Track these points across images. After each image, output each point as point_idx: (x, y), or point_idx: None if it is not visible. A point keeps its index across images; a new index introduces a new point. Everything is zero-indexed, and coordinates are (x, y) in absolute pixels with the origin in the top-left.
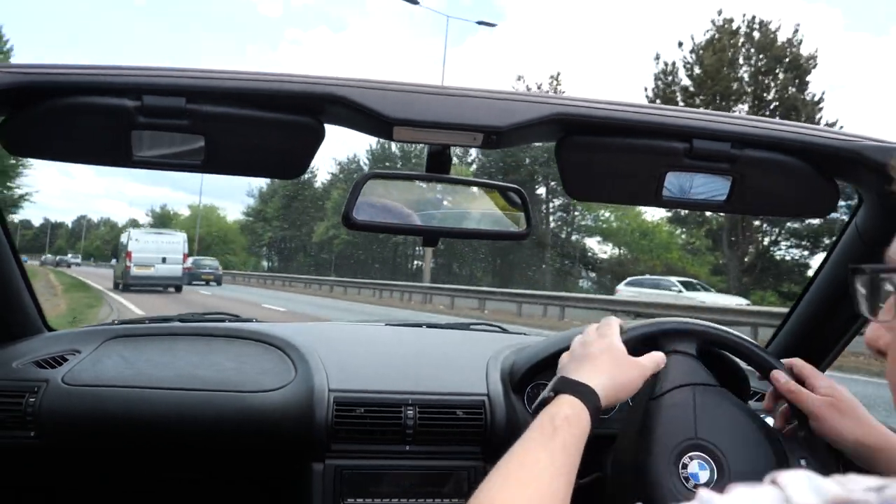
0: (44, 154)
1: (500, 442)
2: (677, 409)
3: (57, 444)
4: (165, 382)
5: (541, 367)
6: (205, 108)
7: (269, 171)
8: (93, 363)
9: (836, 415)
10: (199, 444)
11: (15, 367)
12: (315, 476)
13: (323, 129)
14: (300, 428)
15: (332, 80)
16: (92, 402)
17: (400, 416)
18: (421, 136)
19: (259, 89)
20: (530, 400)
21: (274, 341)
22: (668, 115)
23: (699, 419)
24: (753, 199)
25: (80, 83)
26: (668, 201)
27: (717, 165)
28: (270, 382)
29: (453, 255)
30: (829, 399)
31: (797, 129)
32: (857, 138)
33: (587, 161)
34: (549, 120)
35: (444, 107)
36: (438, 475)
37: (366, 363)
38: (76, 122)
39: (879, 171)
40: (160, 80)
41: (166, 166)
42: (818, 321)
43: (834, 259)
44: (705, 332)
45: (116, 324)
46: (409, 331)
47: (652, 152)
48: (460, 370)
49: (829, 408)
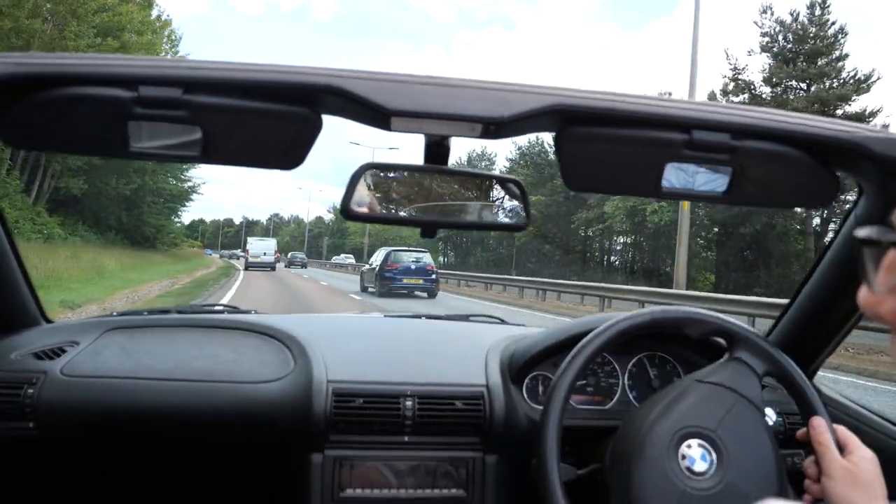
0: (40, 145)
1: (499, 433)
2: (708, 402)
3: (56, 435)
4: (164, 373)
5: (540, 358)
6: (201, 99)
7: (266, 162)
8: (91, 354)
9: (848, 483)
10: (197, 435)
11: (13, 358)
12: (314, 467)
13: (320, 120)
14: (299, 419)
15: (329, 70)
16: (91, 394)
17: (399, 408)
18: (419, 126)
19: (256, 80)
20: (529, 391)
21: (273, 333)
22: (668, 106)
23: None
24: (753, 190)
25: (74, 73)
26: (668, 193)
27: (716, 156)
28: (269, 373)
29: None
30: (851, 466)
31: (797, 120)
32: (858, 129)
33: (586, 152)
34: (549, 111)
35: (443, 97)
36: (437, 466)
37: (365, 354)
38: (71, 113)
39: (880, 163)
40: (156, 70)
41: (164, 157)
42: (818, 311)
43: (833, 250)
44: (775, 360)
45: (115, 315)
46: (408, 322)
47: (651, 143)
48: (459, 361)
49: (846, 472)
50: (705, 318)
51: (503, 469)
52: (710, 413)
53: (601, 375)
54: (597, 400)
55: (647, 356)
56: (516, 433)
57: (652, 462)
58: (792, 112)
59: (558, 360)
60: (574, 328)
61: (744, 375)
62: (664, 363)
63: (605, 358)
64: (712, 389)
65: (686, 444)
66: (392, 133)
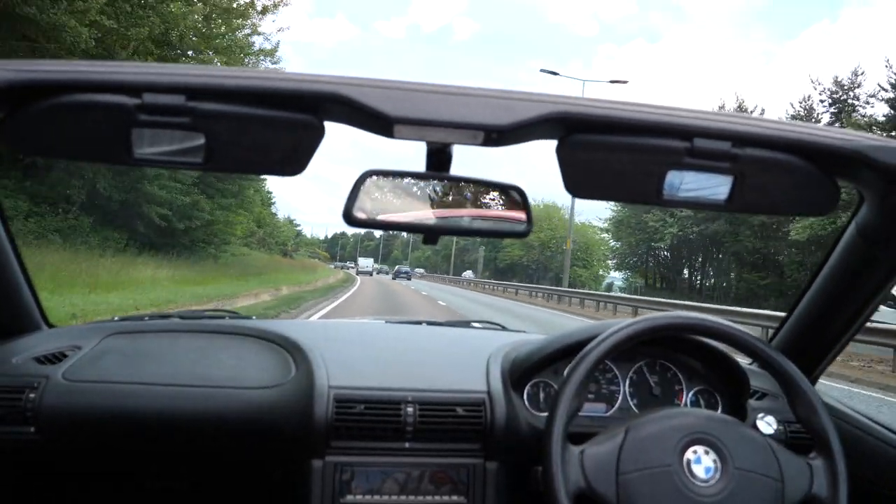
0: (43, 152)
1: (500, 440)
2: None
3: (57, 440)
4: (165, 379)
5: (541, 365)
6: (205, 106)
7: (269, 169)
8: (93, 359)
9: None
10: (198, 440)
11: (15, 363)
12: (314, 473)
13: (323, 127)
14: (300, 424)
15: (333, 78)
16: (92, 398)
17: (400, 414)
18: (421, 134)
19: (259, 87)
20: (530, 398)
21: (274, 338)
22: (669, 114)
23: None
24: (754, 198)
25: (78, 80)
26: (669, 201)
27: (717, 164)
28: (270, 379)
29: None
30: None
31: (798, 129)
32: (858, 137)
33: (588, 159)
34: (550, 118)
35: (445, 105)
36: (438, 472)
37: (366, 360)
38: (75, 120)
39: (881, 171)
40: (159, 77)
41: (167, 164)
42: (819, 319)
43: (834, 258)
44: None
45: (116, 320)
46: (409, 328)
47: (653, 151)
48: (460, 368)
49: None
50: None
51: (504, 476)
52: (715, 419)
53: (602, 382)
54: (598, 406)
55: (647, 363)
56: (517, 440)
57: (657, 468)
58: (792, 120)
59: (559, 367)
60: (575, 336)
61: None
62: (665, 370)
63: (606, 365)
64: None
65: (692, 450)
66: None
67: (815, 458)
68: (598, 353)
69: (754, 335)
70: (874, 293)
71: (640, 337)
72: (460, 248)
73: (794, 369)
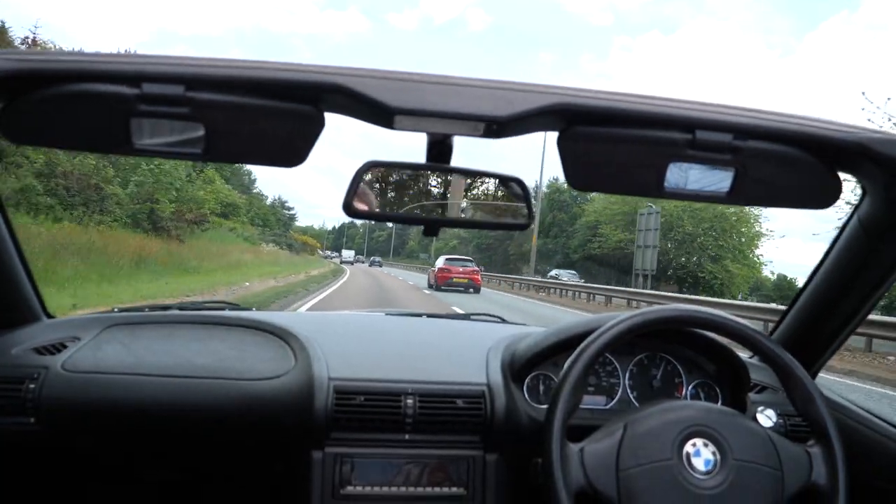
0: (42, 141)
1: (500, 432)
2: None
3: (57, 431)
4: (165, 370)
5: (541, 357)
6: (204, 96)
7: (269, 160)
8: (93, 350)
9: None
10: (198, 431)
11: (14, 353)
12: (314, 464)
13: (323, 118)
14: (300, 416)
15: (333, 68)
16: (92, 389)
17: (400, 405)
18: (422, 125)
19: (258, 77)
20: (530, 390)
21: (274, 330)
22: (671, 106)
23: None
24: (755, 190)
25: (77, 70)
26: (671, 193)
27: (719, 156)
28: (270, 370)
29: None
30: None
31: (800, 121)
32: (860, 130)
33: (589, 152)
34: (551, 110)
35: (446, 96)
36: (438, 464)
37: (366, 352)
38: (74, 110)
39: (883, 164)
40: (159, 67)
41: (167, 154)
42: (820, 312)
43: (836, 251)
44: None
45: (116, 311)
46: (410, 320)
47: (654, 143)
48: (460, 360)
49: None
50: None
51: (503, 468)
52: (712, 411)
53: (602, 375)
54: (598, 399)
55: (647, 356)
56: (517, 432)
57: (656, 463)
58: (795, 113)
59: (559, 359)
60: (574, 328)
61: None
62: (665, 363)
63: (606, 358)
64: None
65: (691, 443)
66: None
67: (813, 446)
68: (597, 345)
69: (754, 328)
70: (876, 286)
71: (640, 330)
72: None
73: (792, 360)
